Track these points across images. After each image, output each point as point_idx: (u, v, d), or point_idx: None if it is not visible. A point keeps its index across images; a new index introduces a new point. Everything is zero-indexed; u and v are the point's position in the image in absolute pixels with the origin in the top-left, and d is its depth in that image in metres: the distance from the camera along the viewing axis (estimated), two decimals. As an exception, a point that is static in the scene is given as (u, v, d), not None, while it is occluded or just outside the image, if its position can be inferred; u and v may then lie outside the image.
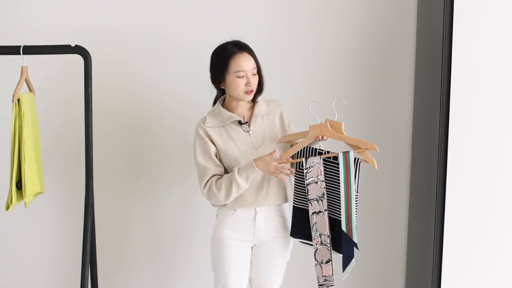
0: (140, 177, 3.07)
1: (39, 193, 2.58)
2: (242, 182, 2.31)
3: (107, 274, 3.07)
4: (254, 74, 2.36)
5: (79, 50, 2.42)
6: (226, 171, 2.42)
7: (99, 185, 2.92)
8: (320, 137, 2.32)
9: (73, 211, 3.04)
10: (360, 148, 2.27)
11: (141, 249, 3.10)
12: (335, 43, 2.98)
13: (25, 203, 2.49)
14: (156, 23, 2.97)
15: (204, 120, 2.42)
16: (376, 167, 2.26)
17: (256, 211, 2.41)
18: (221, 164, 2.40)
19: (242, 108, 2.44)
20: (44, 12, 2.94)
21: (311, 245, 2.39)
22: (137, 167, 3.06)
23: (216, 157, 2.40)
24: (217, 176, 2.37)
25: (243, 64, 2.32)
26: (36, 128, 2.57)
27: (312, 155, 2.35)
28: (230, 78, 2.33)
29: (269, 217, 2.43)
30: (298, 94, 2.98)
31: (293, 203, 2.42)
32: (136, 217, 3.09)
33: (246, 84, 2.33)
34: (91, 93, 2.47)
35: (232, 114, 2.40)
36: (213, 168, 2.38)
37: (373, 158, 2.26)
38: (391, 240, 3.09)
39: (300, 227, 2.40)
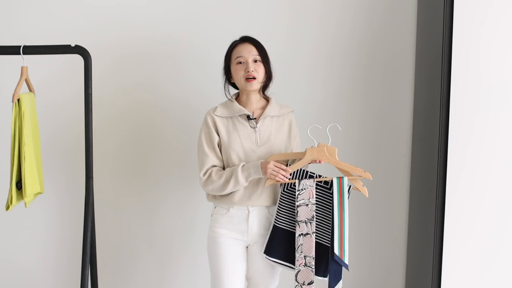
0: (140, 177, 3.05)
1: (39, 193, 2.57)
2: (242, 179, 2.33)
3: (107, 274, 3.06)
4: (256, 61, 2.40)
5: (79, 50, 2.42)
6: (223, 167, 2.44)
7: (99, 185, 2.91)
8: (318, 160, 2.36)
9: (73, 211, 3.03)
10: (352, 175, 2.34)
11: (141, 249, 3.09)
12: (334, 45, 2.96)
13: (25, 203, 2.48)
14: (158, 23, 2.95)
15: (214, 109, 2.47)
16: (367, 196, 2.37)
17: (249, 210, 2.42)
18: (221, 157, 2.43)
19: (253, 104, 2.47)
20: (44, 12, 2.93)
21: (289, 267, 2.39)
22: (137, 167, 3.05)
23: (219, 148, 2.43)
24: (217, 168, 2.41)
25: (242, 50, 2.41)
26: (36, 128, 2.56)
27: (303, 177, 2.36)
28: (232, 67, 2.43)
29: (262, 217, 2.44)
30: (299, 101, 2.96)
31: (275, 222, 2.40)
32: (136, 217, 3.07)
33: (245, 70, 2.38)
34: (91, 93, 2.47)
35: (242, 107, 2.44)
36: (214, 158, 2.41)
37: (365, 187, 2.35)
38: (390, 241, 3.07)
39: (278, 247, 2.39)
